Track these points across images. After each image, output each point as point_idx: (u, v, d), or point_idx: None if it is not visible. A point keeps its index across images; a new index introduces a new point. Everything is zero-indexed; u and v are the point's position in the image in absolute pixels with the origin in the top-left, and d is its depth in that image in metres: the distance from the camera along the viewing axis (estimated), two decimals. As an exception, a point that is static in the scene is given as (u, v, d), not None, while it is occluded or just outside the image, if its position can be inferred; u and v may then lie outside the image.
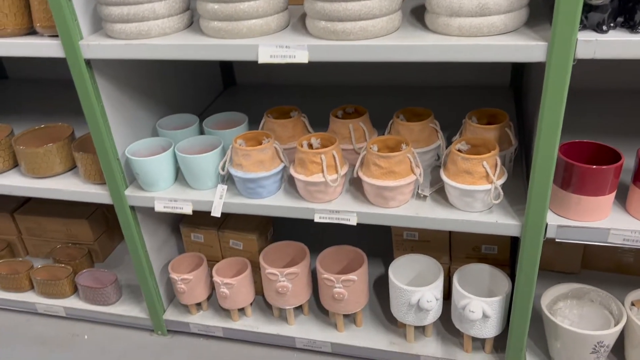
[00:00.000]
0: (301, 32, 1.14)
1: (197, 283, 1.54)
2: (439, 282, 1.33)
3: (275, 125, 1.39)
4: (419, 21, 1.13)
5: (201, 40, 1.14)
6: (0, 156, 1.49)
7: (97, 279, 1.70)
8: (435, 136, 1.33)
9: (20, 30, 1.27)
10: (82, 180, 1.46)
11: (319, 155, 1.22)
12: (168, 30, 1.19)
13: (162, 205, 1.37)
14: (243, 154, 1.27)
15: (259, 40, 1.11)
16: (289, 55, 1.08)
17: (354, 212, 1.24)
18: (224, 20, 1.12)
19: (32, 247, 1.89)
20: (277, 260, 1.53)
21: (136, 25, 1.16)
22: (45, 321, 1.71)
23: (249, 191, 1.31)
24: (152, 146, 1.42)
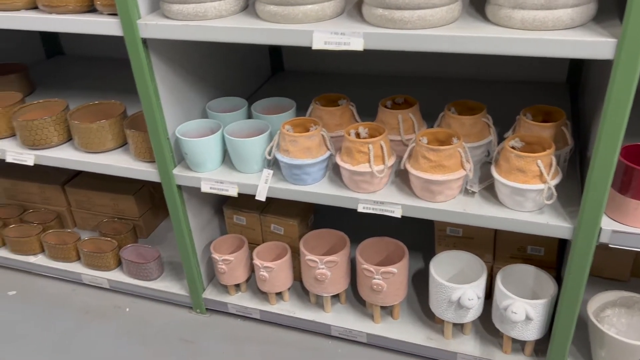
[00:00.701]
0: (356, 19, 1.13)
1: (237, 264, 1.56)
2: (481, 280, 1.31)
3: (323, 113, 1.39)
4: (479, 12, 1.10)
5: (256, 24, 1.14)
6: (55, 130, 1.54)
7: (140, 254, 1.74)
8: (487, 131, 1.29)
9: (81, 8, 1.30)
10: (132, 157, 1.50)
11: (366, 145, 1.20)
12: (224, 13, 1.19)
13: (208, 186, 1.39)
14: (290, 139, 1.27)
15: (313, 25, 1.10)
16: (343, 42, 1.07)
17: (398, 205, 1.23)
18: (279, 4, 1.11)
19: (80, 220, 1.96)
20: (316, 248, 1.53)
21: (194, 6, 1.17)
22: (89, 291, 1.78)
23: (294, 177, 1.31)
24: (202, 127, 1.44)
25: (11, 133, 1.62)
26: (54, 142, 1.55)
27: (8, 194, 1.98)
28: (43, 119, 1.51)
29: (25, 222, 1.90)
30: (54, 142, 1.55)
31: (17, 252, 1.85)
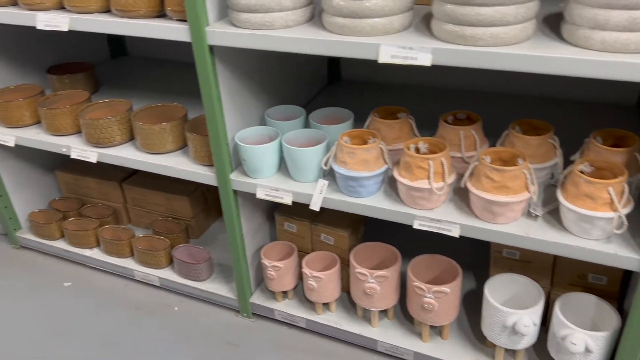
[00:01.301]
0: (424, 34, 1.11)
1: (286, 271, 1.56)
2: (539, 307, 1.26)
3: (381, 125, 1.38)
4: (553, 31, 1.07)
5: (323, 36, 1.14)
6: (119, 129, 1.58)
7: (191, 255, 1.77)
8: (552, 153, 1.25)
9: (152, 13, 1.33)
10: (190, 160, 1.53)
11: (426, 161, 1.18)
12: (291, 23, 1.20)
13: (263, 193, 1.40)
14: (348, 151, 1.26)
15: (381, 39, 1.10)
16: (410, 56, 1.06)
17: (457, 224, 1.20)
18: (347, 17, 1.11)
19: (134, 216, 2.01)
20: (366, 260, 1.52)
21: (261, 15, 1.18)
22: (140, 288, 1.82)
23: (349, 189, 1.31)
24: (260, 134, 1.45)
25: (77, 130, 1.68)
26: (117, 141, 1.60)
27: (69, 188, 2.06)
28: (108, 119, 1.56)
29: (83, 216, 1.97)
30: (116, 140, 1.59)
31: (74, 245, 1.92)
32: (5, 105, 1.69)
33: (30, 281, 1.88)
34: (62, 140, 1.66)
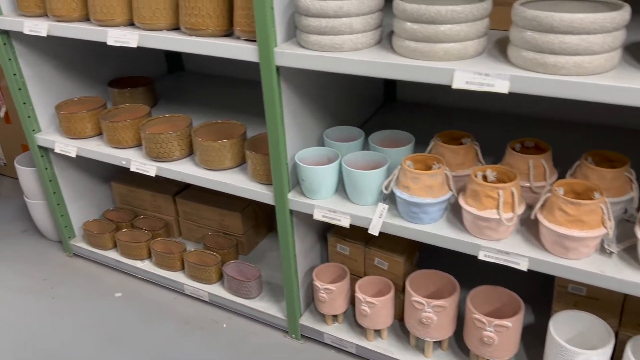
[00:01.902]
0: (499, 60, 1.09)
1: (338, 294, 1.53)
2: (608, 348, 1.20)
3: (445, 151, 1.34)
4: (638, 61, 1.02)
5: (394, 59, 1.12)
6: (179, 144, 1.60)
7: (241, 272, 1.77)
8: (628, 186, 1.19)
9: (220, 32, 1.35)
10: (248, 177, 1.53)
11: (496, 190, 1.15)
12: (360, 46, 1.19)
13: (321, 214, 1.39)
14: (412, 176, 1.23)
15: (455, 64, 1.07)
16: (487, 83, 1.03)
17: (525, 257, 1.15)
18: (421, 41, 1.09)
19: (185, 230, 2.02)
20: (421, 288, 1.48)
21: (331, 38, 1.18)
22: (189, 302, 1.82)
23: (411, 215, 1.28)
24: (319, 155, 1.44)
25: (137, 143, 1.71)
26: (176, 156, 1.61)
27: (123, 199, 2.10)
28: (169, 134, 1.58)
29: (135, 227, 2.00)
30: (175, 155, 1.61)
31: (126, 256, 1.94)
32: (69, 117, 1.74)
33: (81, 290, 1.91)
34: (122, 153, 1.69)
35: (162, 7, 1.39)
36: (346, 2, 1.15)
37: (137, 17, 1.42)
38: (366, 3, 1.16)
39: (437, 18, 1.05)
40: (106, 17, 1.46)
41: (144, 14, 1.40)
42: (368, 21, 1.18)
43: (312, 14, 1.17)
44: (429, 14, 1.06)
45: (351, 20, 1.16)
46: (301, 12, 1.20)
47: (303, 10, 1.18)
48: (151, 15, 1.40)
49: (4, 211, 2.40)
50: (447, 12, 1.05)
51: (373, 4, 1.17)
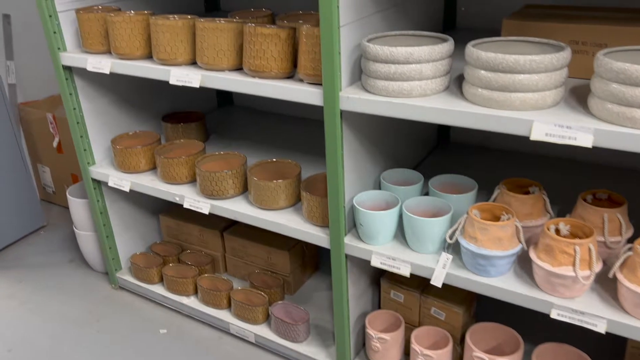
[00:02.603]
0: (579, 111, 1.04)
1: (392, 344, 1.48)
2: (694, 421, 1.11)
3: (512, 200, 1.29)
4: None
5: (467, 107, 1.09)
6: (233, 182, 1.59)
7: (289, 313, 1.72)
8: None
9: (282, 74, 1.34)
10: (302, 218, 1.50)
11: (572, 246, 1.09)
12: (429, 92, 1.17)
13: (379, 261, 1.34)
14: (480, 227, 1.18)
15: (533, 114, 1.03)
16: (568, 136, 0.99)
17: (603, 319, 1.08)
18: (496, 90, 1.06)
19: (231, 266, 2.00)
20: (481, 342, 1.41)
21: (399, 84, 1.16)
22: (235, 342, 1.78)
23: (477, 267, 1.22)
24: (377, 199, 1.41)
25: (190, 179, 1.71)
26: (230, 194, 1.60)
27: (170, 232, 2.09)
28: (224, 172, 1.57)
29: (182, 262, 1.99)
30: (230, 193, 1.60)
31: (172, 291, 1.92)
32: (125, 151, 1.76)
33: (126, 324, 1.89)
34: (176, 189, 1.69)
35: (226, 48, 1.40)
36: (416, 49, 1.13)
37: (200, 58, 1.43)
38: (437, 50, 1.14)
39: (515, 67, 1.02)
40: (169, 57, 1.47)
41: (208, 55, 1.41)
42: (438, 67, 1.16)
43: (381, 59, 1.15)
44: (506, 63, 1.03)
45: (421, 67, 1.14)
46: (369, 58, 1.18)
47: (371, 56, 1.17)
48: (214, 56, 1.40)
49: (52, 240, 2.43)
50: (525, 61, 1.02)
51: (444, 51, 1.15)
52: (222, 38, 1.39)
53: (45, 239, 2.43)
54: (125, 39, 1.53)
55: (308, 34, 1.26)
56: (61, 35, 1.68)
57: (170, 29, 1.45)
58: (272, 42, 1.32)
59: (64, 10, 1.67)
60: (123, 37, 1.53)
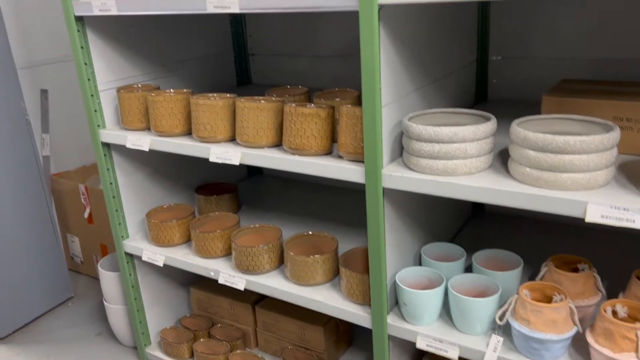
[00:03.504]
0: (632, 190, 1.02)
1: None
2: None
3: (562, 278, 1.25)
4: None
5: (516, 187, 1.08)
6: (269, 257, 1.57)
7: (325, 394, 1.66)
8: None
9: (322, 151, 1.35)
10: (341, 295, 1.47)
11: (634, 331, 1.04)
12: (474, 170, 1.16)
13: (424, 343, 1.29)
14: (533, 309, 1.14)
15: (585, 195, 1.01)
16: (625, 218, 0.96)
17: (674, 410, 1.02)
18: (545, 170, 1.05)
19: (263, 341, 1.95)
20: None
21: (444, 162, 1.15)
22: None
23: (530, 351, 1.17)
24: (419, 275, 1.37)
25: (225, 253, 1.69)
26: (266, 269, 1.58)
27: (200, 305, 2.06)
28: (260, 247, 1.56)
29: (212, 337, 1.94)
30: (265, 268, 1.58)
31: (202, 368, 1.87)
32: (159, 225, 1.76)
33: (155, 403, 1.83)
34: (211, 263, 1.67)
35: (266, 126, 1.42)
36: (461, 129, 1.13)
37: (240, 136, 1.46)
38: (481, 129, 1.14)
39: (565, 148, 1.02)
40: (209, 135, 1.50)
41: (248, 133, 1.43)
42: (482, 146, 1.15)
43: (424, 139, 1.16)
44: (555, 144, 1.02)
45: (466, 146, 1.14)
46: (412, 137, 1.19)
47: (414, 135, 1.17)
48: (254, 134, 1.43)
49: (79, 312, 2.40)
50: (575, 142, 1.01)
51: (488, 129, 1.15)
52: (262, 117, 1.41)
53: (73, 311, 2.41)
54: (166, 117, 1.57)
55: (349, 114, 1.28)
56: (101, 113, 1.73)
57: (210, 108, 1.48)
58: (313, 121, 1.34)
59: (105, 90, 1.73)
60: (163, 116, 1.57)
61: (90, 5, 1.54)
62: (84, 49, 1.65)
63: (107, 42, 1.71)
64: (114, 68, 1.74)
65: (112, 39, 1.72)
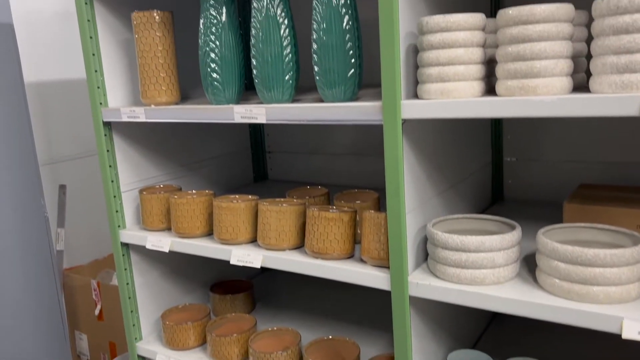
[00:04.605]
0: (667, 304, 1.00)
1: None
2: None
3: (598, 392, 1.20)
4: None
5: (545, 299, 1.06)
6: (288, 364, 1.52)
7: None
8: None
9: (344, 255, 1.35)
10: (365, 407, 1.40)
11: None
12: (502, 279, 1.15)
13: None
14: None
15: (620, 310, 1.00)
16: (664, 335, 0.94)
17: None
18: (576, 282, 1.04)
19: None
20: None
21: (471, 272, 1.15)
22: None
23: None
24: (447, 386, 1.32)
25: (242, 357, 1.64)
26: (284, 377, 1.53)
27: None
28: (278, 353, 1.51)
29: None
30: (284, 376, 1.53)
31: None
32: (174, 327, 1.72)
33: None
34: (227, 369, 1.62)
35: (288, 230, 1.43)
36: (487, 238, 1.13)
37: (261, 239, 1.46)
38: (507, 238, 1.14)
39: (596, 261, 1.01)
40: (231, 237, 1.50)
41: (270, 236, 1.44)
42: (509, 255, 1.15)
43: (450, 247, 1.16)
44: (585, 256, 1.02)
45: (493, 255, 1.14)
46: (437, 245, 1.19)
47: (440, 243, 1.18)
48: (276, 237, 1.43)
49: (83, 415, 2.29)
50: (606, 255, 1.01)
51: (514, 239, 1.16)
52: (285, 220, 1.43)
53: (76, 415, 2.30)
54: (187, 219, 1.58)
55: (372, 219, 1.29)
56: (122, 213, 1.75)
57: (232, 211, 1.49)
58: (335, 226, 1.35)
59: (127, 190, 1.76)
60: (185, 217, 1.58)
61: (119, 112, 1.61)
62: (109, 152, 1.70)
63: (132, 145, 1.77)
64: (136, 169, 1.79)
65: (136, 142, 1.78)
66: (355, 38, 1.27)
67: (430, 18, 1.10)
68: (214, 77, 1.44)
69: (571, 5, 1.02)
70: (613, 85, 0.94)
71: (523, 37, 1.01)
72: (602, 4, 0.95)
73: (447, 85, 1.10)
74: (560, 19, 1.00)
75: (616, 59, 0.93)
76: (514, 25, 1.02)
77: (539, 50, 1.00)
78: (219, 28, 1.43)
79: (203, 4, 1.43)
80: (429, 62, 1.12)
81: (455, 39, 1.09)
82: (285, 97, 1.38)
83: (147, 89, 1.57)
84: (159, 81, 1.56)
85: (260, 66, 1.36)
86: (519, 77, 1.03)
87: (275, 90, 1.36)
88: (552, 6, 0.99)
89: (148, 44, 1.55)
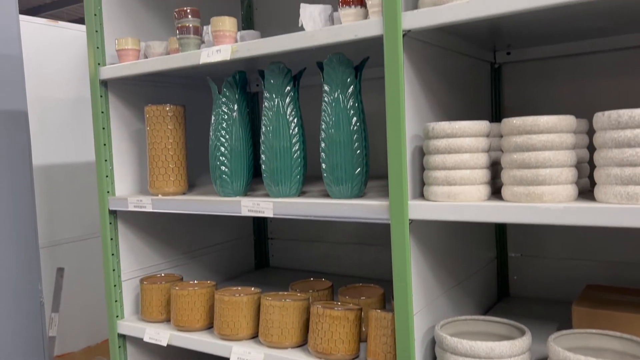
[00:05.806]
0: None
1: None
2: None
3: None
4: None
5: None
6: None
7: None
8: None
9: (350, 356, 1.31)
10: None
11: None
12: (514, 387, 1.11)
13: None
14: None
15: None
16: None
17: None
18: (592, 395, 1.00)
19: None
20: None
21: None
22: None
23: None
24: None
25: None
26: None
27: None
28: None
29: None
30: None
31: None
32: None
33: None
34: None
35: (291, 327, 1.40)
36: (497, 344, 1.11)
37: (263, 335, 1.42)
38: (517, 345, 1.12)
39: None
40: (231, 332, 1.46)
41: (272, 333, 1.40)
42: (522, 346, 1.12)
43: (460, 353, 1.13)
44: (600, 367, 0.99)
45: None
46: (446, 349, 1.15)
47: (449, 348, 1.14)
48: (279, 334, 1.39)
49: None
50: (621, 367, 0.98)
51: (524, 345, 1.13)
52: (288, 316, 1.40)
53: None
54: (187, 312, 1.55)
55: (378, 319, 1.27)
56: (121, 303, 1.71)
57: (234, 305, 1.47)
58: (340, 325, 1.32)
59: (127, 279, 1.73)
60: (185, 310, 1.55)
61: (125, 201, 1.62)
62: (112, 240, 1.69)
63: (136, 233, 1.76)
64: (138, 257, 1.77)
65: (140, 230, 1.78)
66: (362, 138, 1.31)
67: (436, 124, 1.14)
68: (222, 170, 1.47)
69: (573, 117, 1.06)
70: (618, 196, 0.96)
71: (528, 145, 1.04)
72: (603, 117, 0.98)
73: (454, 189, 1.12)
74: (563, 129, 1.04)
75: (620, 171, 0.96)
76: (518, 134, 1.06)
77: (544, 159, 1.03)
78: (230, 124, 1.47)
79: (216, 101, 1.48)
80: (435, 166, 1.14)
81: (461, 144, 1.12)
82: (293, 192, 1.40)
83: (155, 179, 1.59)
84: (168, 172, 1.59)
85: (269, 160, 1.39)
86: (525, 184, 1.05)
87: (283, 185, 1.39)
88: (554, 118, 1.03)
89: (159, 137, 1.58)
